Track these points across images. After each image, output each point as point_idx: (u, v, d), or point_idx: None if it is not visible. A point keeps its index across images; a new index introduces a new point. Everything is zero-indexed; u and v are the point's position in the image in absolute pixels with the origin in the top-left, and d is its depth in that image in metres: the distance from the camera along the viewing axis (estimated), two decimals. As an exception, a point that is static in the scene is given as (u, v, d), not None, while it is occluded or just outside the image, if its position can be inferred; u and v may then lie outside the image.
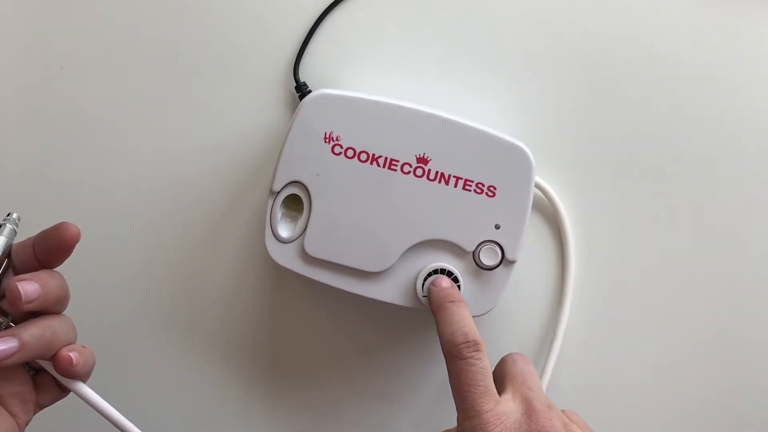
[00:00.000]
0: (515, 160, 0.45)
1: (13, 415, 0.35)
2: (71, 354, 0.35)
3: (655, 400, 0.50)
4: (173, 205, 0.50)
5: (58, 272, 0.36)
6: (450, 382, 0.39)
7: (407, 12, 0.49)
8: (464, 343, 0.39)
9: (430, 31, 0.49)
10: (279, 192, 0.45)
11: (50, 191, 0.51)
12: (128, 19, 0.50)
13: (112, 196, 0.50)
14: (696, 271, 0.50)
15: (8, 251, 0.36)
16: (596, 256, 0.49)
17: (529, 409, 0.38)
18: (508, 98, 0.49)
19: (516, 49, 0.49)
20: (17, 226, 0.37)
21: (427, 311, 0.45)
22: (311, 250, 0.45)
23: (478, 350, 0.39)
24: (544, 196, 0.49)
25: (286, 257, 0.46)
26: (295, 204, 0.46)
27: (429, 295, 0.44)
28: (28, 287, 0.33)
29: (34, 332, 0.34)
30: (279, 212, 0.46)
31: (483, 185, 0.45)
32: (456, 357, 0.39)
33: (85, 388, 0.36)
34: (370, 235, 0.45)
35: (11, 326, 0.34)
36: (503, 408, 0.37)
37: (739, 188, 0.49)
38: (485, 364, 0.39)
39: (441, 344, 0.40)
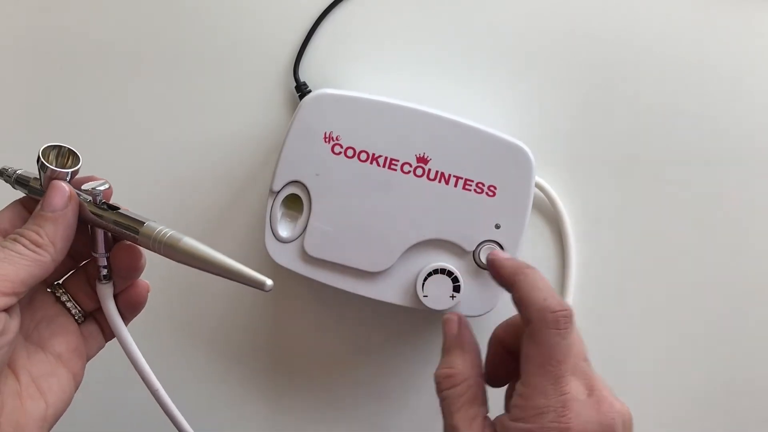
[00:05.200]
0: (515, 159, 0.45)
1: (73, 373, 0.36)
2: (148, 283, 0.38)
3: (657, 398, 0.50)
4: (173, 204, 0.50)
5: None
6: (528, 352, 0.35)
7: (407, 12, 0.49)
8: (561, 311, 0.35)
9: (430, 30, 0.49)
10: (279, 192, 0.45)
11: None
12: (128, 19, 0.50)
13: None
14: (696, 269, 0.49)
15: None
16: (596, 255, 0.49)
17: (592, 390, 0.34)
18: (508, 98, 0.49)
19: (516, 49, 0.49)
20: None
21: (428, 311, 0.45)
22: (311, 250, 0.45)
23: (571, 322, 0.35)
24: (544, 196, 0.49)
25: (286, 257, 0.46)
26: (295, 204, 0.46)
27: (497, 265, 0.40)
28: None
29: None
30: (279, 212, 0.46)
31: (483, 185, 0.45)
32: (550, 325, 0.34)
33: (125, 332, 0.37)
34: (370, 235, 0.45)
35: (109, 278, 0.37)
36: (574, 389, 0.34)
37: (739, 187, 0.49)
38: (573, 338, 0.35)
39: (529, 310, 0.36)
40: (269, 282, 0.31)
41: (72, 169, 0.34)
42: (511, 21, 0.49)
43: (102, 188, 0.34)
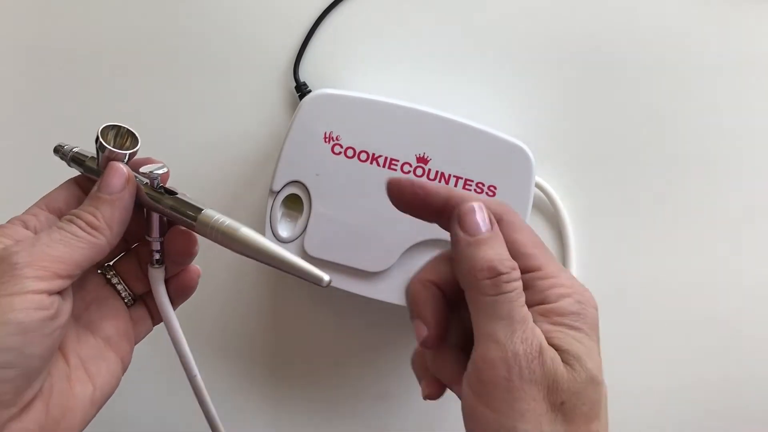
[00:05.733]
0: (515, 159, 0.45)
1: (121, 357, 0.35)
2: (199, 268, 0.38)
3: (656, 400, 0.50)
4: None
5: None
6: (539, 252, 0.33)
7: (407, 12, 0.49)
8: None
9: (430, 31, 0.49)
10: (279, 192, 0.45)
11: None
12: (128, 19, 0.50)
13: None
14: (697, 270, 0.49)
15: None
16: (597, 255, 0.49)
17: None
18: (508, 98, 0.49)
19: (516, 49, 0.49)
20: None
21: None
22: (311, 250, 0.45)
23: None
24: (544, 196, 0.49)
25: (286, 257, 0.46)
26: (295, 204, 0.46)
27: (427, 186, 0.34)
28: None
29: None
30: (279, 212, 0.46)
31: (483, 185, 0.45)
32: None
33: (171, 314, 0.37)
34: (370, 235, 0.45)
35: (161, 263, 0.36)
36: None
37: (739, 188, 0.49)
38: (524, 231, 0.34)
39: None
40: (327, 278, 0.31)
41: (130, 151, 0.34)
42: (512, 21, 0.49)
43: (160, 172, 0.34)
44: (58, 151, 0.37)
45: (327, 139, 0.45)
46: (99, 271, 0.36)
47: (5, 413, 0.29)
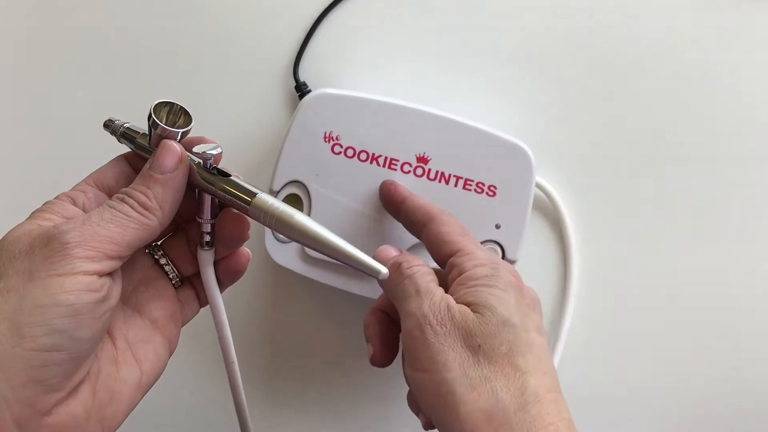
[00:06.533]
0: (516, 159, 0.45)
1: (168, 340, 0.35)
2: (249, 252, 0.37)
3: (658, 398, 0.50)
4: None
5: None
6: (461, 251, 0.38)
7: (407, 12, 0.49)
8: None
9: (430, 30, 0.49)
10: (278, 192, 0.45)
11: (50, 190, 0.51)
12: (128, 19, 0.50)
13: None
14: (697, 269, 0.49)
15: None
16: (597, 255, 0.49)
17: None
18: (508, 97, 0.49)
19: (517, 49, 0.49)
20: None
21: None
22: (310, 250, 0.45)
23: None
24: (545, 196, 0.49)
25: (286, 257, 0.46)
26: (294, 204, 0.46)
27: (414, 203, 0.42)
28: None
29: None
30: (279, 212, 0.46)
31: (483, 185, 0.44)
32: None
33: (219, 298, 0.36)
34: (369, 235, 0.45)
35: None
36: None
37: (740, 187, 0.49)
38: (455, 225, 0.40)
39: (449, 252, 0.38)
40: (384, 270, 0.31)
41: (183, 129, 0.33)
42: (512, 21, 0.48)
43: (213, 152, 0.33)
44: (108, 126, 0.35)
45: (327, 139, 0.45)
46: (147, 251, 0.35)
47: (53, 397, 0.28)
